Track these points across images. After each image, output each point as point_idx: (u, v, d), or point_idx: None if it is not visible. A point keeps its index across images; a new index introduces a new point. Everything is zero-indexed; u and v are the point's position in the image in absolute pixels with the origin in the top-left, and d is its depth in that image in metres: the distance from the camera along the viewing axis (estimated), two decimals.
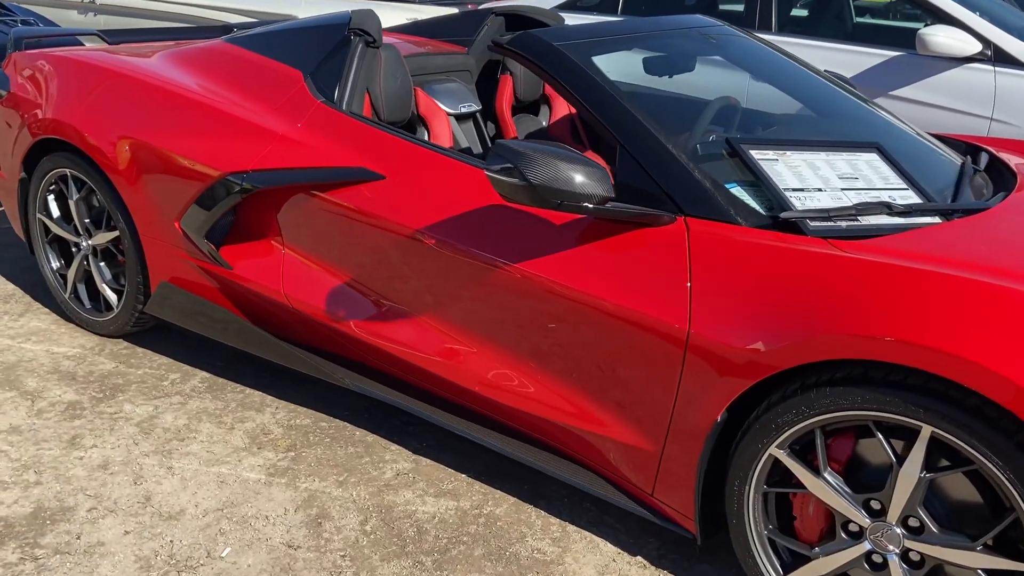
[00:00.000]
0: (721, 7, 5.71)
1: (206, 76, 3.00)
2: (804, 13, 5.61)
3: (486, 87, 3.63)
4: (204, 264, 2.84)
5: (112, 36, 3.86)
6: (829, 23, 5.35)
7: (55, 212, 3.31)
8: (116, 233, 3.07)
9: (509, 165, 1.93)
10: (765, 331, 1.81)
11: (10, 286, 3.75)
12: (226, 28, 4.38)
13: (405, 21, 5.03)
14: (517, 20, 3.68)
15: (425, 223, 2.33)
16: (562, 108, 3.73)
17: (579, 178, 1.91)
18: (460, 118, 3.32)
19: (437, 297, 2.37)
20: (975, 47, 4.07)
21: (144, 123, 2.89)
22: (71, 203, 3.20)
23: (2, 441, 2.60)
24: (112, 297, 3.20)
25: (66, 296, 3.37)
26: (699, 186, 2.05)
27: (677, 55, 2.78)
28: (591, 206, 1.94)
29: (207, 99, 2.84)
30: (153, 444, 2.61)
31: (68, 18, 6.90)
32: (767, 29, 4.72)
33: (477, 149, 3.32)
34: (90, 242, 3.21)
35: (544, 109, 3.73)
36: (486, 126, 3.44)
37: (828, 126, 2.70)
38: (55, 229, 3.32)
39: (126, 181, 2.91)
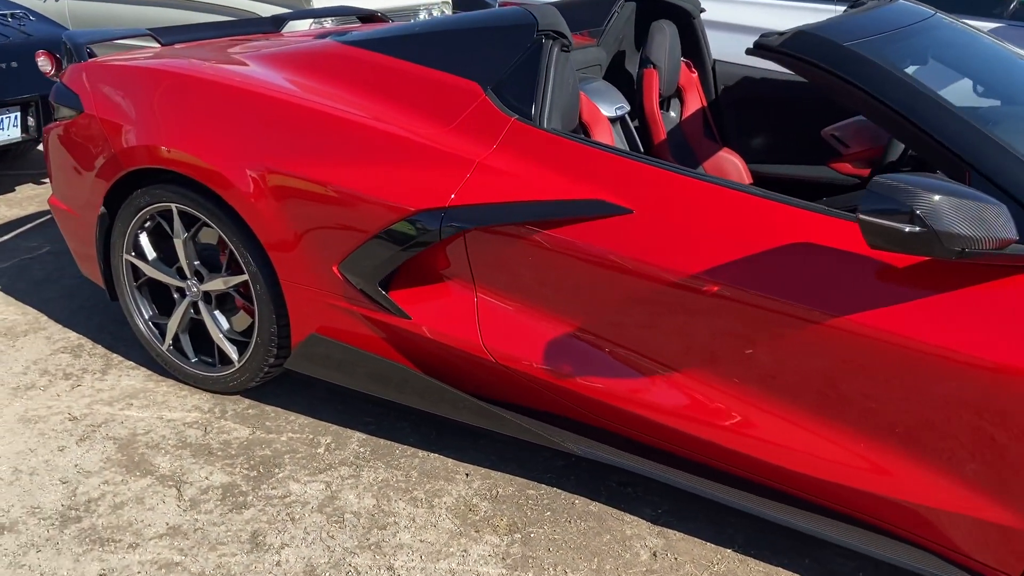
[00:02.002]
0: None
1: (338, 87, 2.54)
2: None
3: (613, 81, 3.26)
4: (370, 312, 2.42)
5: (163, 35, 3.33)
6: None
7: (150, 253, 2.82)
8: (243, 278, 2.61)
9: (888, 207, 1.60)
10: None
11: (73, 335, 3.23)
12: (277, 20, 3.87)
13: None
14: (650, 4, 3.31)
15: (700, 266, 1.97)
16: (693, 102, 3.38)
17: (988, 219, 1.59)
18: (613, 121, 2.95)
19: (714, 351, 2.02)
20: None
21: (286, 149, 2.42)
22: (178, 243, 2.71)
23: (169, 547, 2.16)
24: (231, 350, 2.74)
25: (163, 348, 2.88)
26: None
27: (939, 51, 2.45)
28: (993, 251, 1.62)
29: (363, 118, 2.39)
30: (353, 537, 2.20)
31: (32, 3, 6.17)
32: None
33: None
34: (202, 287, 2.73)
35: (675, 103, 3.38)
36: (633, 127, 3.08)
37: None
38: (151, 272, 2.82)
39: (264, 219, 2.45)
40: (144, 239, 2.81)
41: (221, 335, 2.75)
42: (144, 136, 2.62)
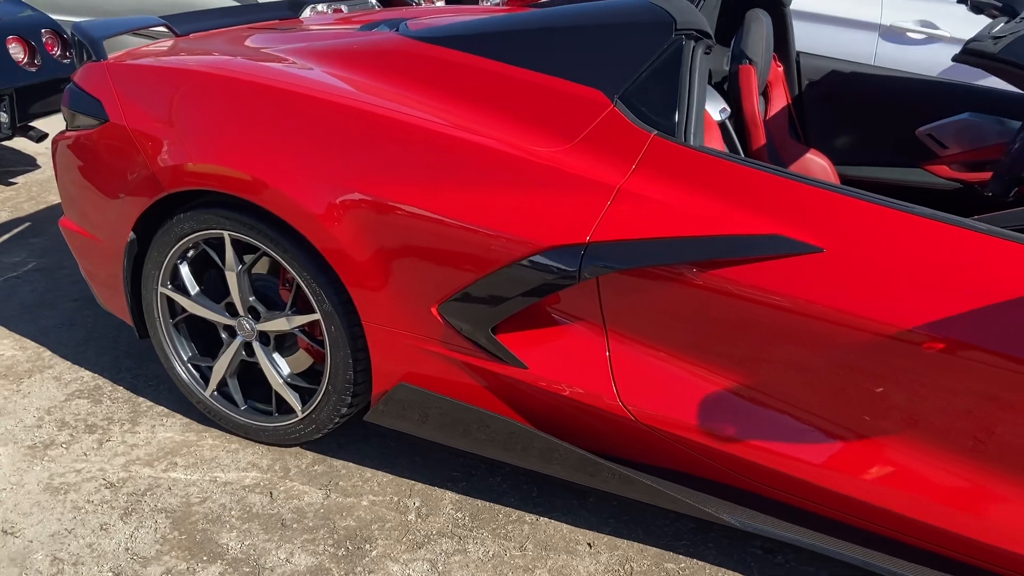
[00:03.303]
0: None
1: (426, 95, 2.16)
2: None
3: None
4: (474, 360, 2.06)
5: (178, 25, 2.90)
6: None
7: (192, 286, 2.40)
8: (312, 317, 2.22)
9: None
10: None
11: (87, 374, 2.80)
12: (295, 4, 3.46)
13: None
14: None
15: (914, 316, 1.66)
16: (778, 99, 3.07)
17: None
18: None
19: (918, 414, 1.72)
20: None
21: (379, 171, 2.04)
22: (231, 276, 2.31)
23: None
24: (293, 398, 2.36)
25: (206, 395, 2.48)
26: None
27: None
28: None
29: (468, 135, 2.01)
30: None
31: None
32: None
33: None
34: (258, 326, 2.34)
35: (760, 101, 3.06)
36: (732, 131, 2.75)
37: None
38: (193, 309, 2.41)
39: (347, 252, 2.06)
40: (185, 270, 2.39)
41: (281, 381, 2.36)
42: (192, 153, 2.20)
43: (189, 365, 2.50)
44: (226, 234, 2.25)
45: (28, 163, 4.97)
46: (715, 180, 1.86)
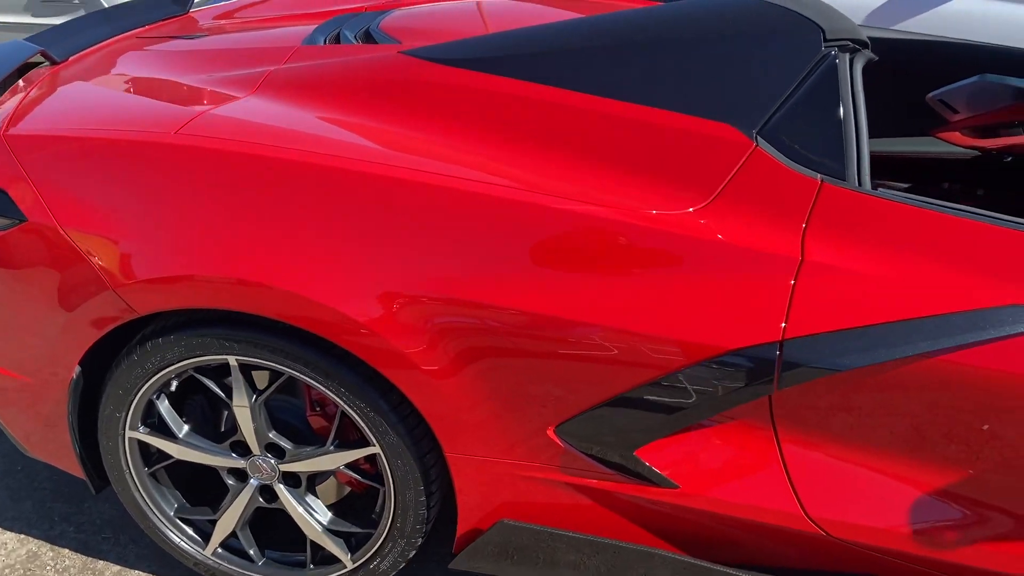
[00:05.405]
0: None
1: (479, 145, 1.63)
2: None
3: None
4: (604, 484, 1.61)
5: (51, 47, 2.16)
6: None
7: (179, 426, 1.77)
8: (367, 451, 1.67)
9: None
10: None
11: (9, 538, 2.09)
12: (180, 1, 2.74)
13: None
14: None
15: None
16: None
17: None
18: None
19: None
20: None
21: (451, 263, 1.50)
22: (242, 412, 1.70)
23: None
24: (337, 547, 1.80)
25: (207, 553, 1.88)
26: None
27: None
28: None
29: (568, 203, 1.51)
30: None
31: None
32: None
33: None
34: (285, 467, 1.75)
35: None
36: None
37: None
38: (184, 455, 1.78)
39: (419, 369, 1.53)
40: (166, 407, 1.76)
41: (321, 530, 1.80)
42: (175, 259, 1.56)
43: (178, 520, 1.88)
44: (233, 359, 1.64)
45: None
46: (918, 237, 1.47)
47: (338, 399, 1.62)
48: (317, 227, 1.55)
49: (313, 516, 1.80)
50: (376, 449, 1.67)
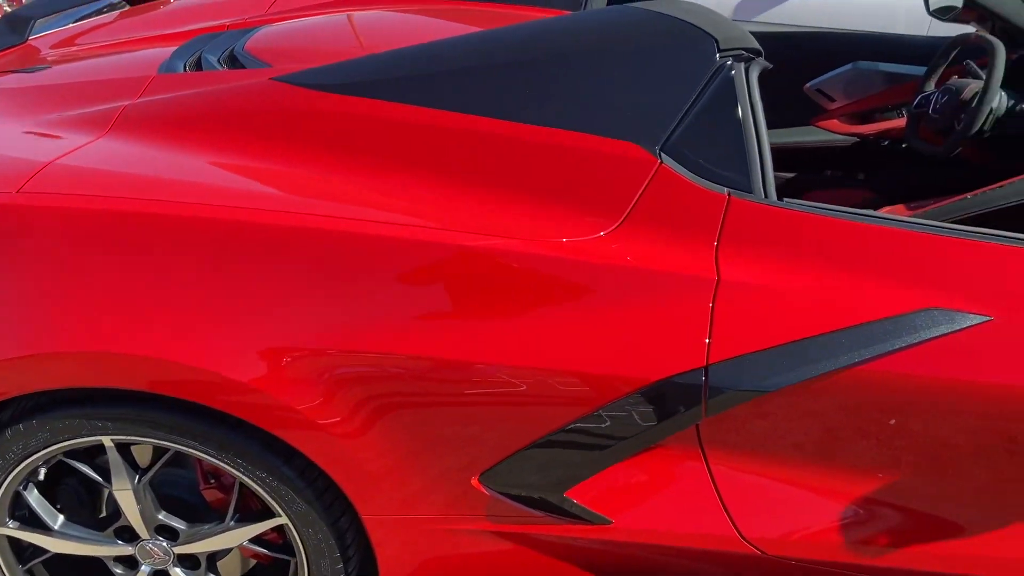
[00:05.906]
0: None
1: (361, 177, 1.51)
2: None
3: None
4: (530, 528, 1.52)
5: None
6: None
7: (53, 517, 1.57)
8: (274, 522, 1.52)
9: None
10: None
11: None
12: (16, 21, 2.51)
13: None
14: None
15: None
16: None
17: None
18: None
19: None
20: None
21: (352, 315, 1.37)
22: (124, 495, 1.51)
23: None
24: None
25: None
26: None
27: None
28: None
29: (474, 238, 1.40)
30: None
31: None
32: None
33: None
34: (180, 549, 1.58)
35: None
36: None
37: None
38: (62, 548, 1.58)
39: (326, 431, 1.39)
40: (35, 497, 1.55)
41: None
42: (11, 341, 1.37)
43: None
44: (108, 440, 1.46)
45: None
46: (829, 246, 1.44)
47: (235, 471, 1.47)
48: (184, 284, 1.39)
49: None
50: (283, 520, 1.52)
